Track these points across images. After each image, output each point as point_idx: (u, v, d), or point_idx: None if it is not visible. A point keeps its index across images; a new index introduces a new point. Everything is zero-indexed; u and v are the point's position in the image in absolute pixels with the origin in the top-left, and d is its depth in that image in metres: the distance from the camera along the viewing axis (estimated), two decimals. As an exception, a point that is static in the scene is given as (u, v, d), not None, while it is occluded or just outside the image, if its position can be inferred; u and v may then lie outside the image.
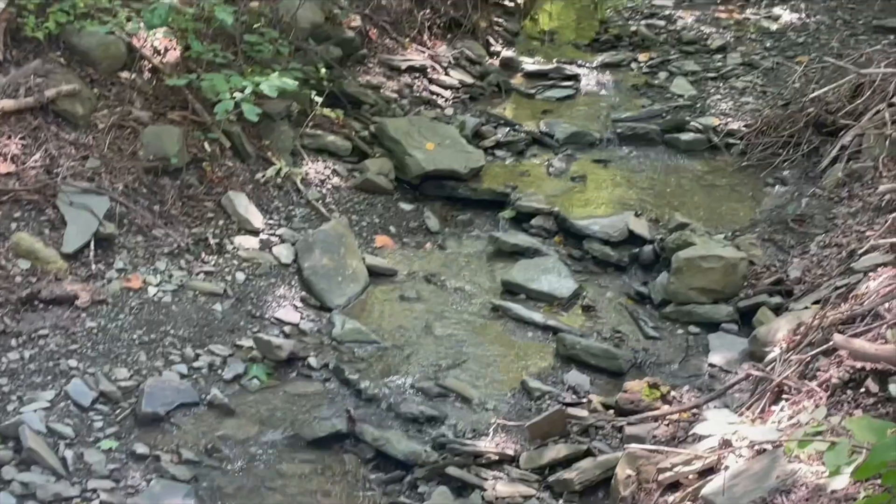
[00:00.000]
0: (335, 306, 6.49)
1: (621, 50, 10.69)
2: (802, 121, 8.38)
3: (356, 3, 9.34)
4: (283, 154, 7.55)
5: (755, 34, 10.79)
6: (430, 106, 9.07)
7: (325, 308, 6.47)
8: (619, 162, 8.62)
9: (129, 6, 7.11)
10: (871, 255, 6.06)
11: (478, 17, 10.30)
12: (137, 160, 6.67)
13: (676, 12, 11.50)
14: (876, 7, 11.06)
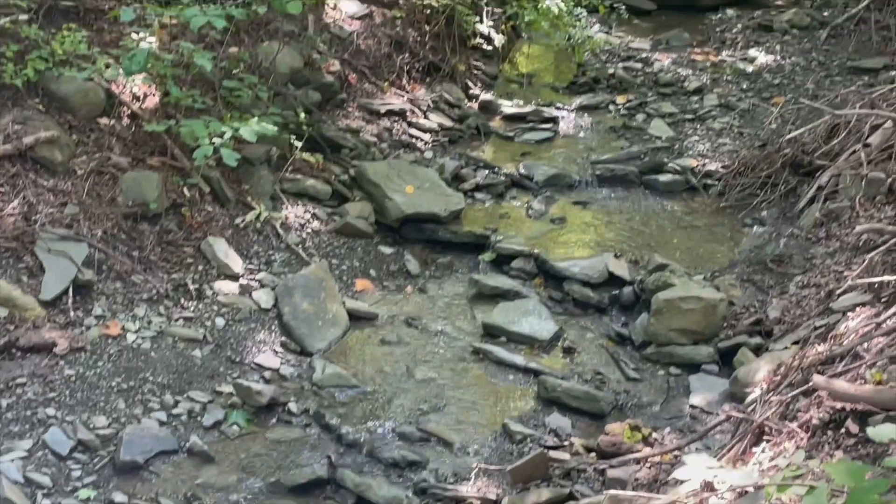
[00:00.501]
0: (316, 351, 6.47)
1: (599, 92, 10.76)
2: (779, 161, 8.45)
3: (335, 48, 9.38)
4: (263, 198, 7.55)
5: (731, 76, 10.89)
6: (410, 149, 9.11)
7: (305, 353, 6.45)
8: (598, 204, 8.66)
9: (107, 52, 7.13)
10: (850, 294, 6.10)
11: (456, 60, 10.35)
12: (116, 206, 6.66)
13: (653, 55, 11.60)
14: (850, 48, 11.20)
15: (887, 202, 7.28)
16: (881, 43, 11.02)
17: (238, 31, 8.27)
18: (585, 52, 11.19)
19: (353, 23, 9.74)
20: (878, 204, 7.32)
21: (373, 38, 9.83)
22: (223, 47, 7.88)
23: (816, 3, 12.72)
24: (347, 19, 9.73)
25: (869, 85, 9.70)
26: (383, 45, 9.90)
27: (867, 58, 10.83)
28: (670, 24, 12.64)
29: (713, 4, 13.05)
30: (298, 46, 8.76)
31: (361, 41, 9.71)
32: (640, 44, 12.01)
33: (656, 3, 13.27)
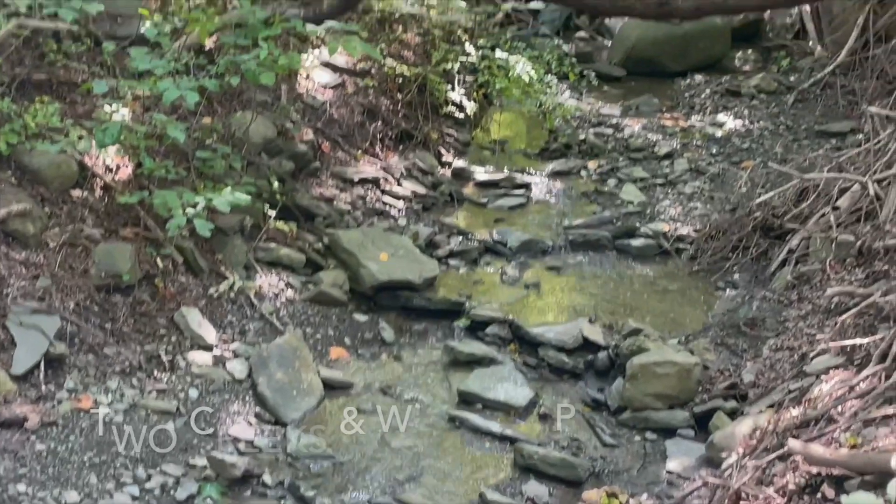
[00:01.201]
0: (290, 421, 6.42)
1: (571, 158, 10.85)
2: (750, 225, 8.54)
3: (308, 118, 9.44)
4: (237, 268, 7.54)
5: (701, 141, 11.02)
6: (384, 217, 9.14)
7: (280, 423, 6.40)
8: (571, 269, 8.69)
9: (80, 125, 7.15)
10: (823, 357, 6.14)
11: (429, 128, 10.44)
12: (89, 278, 6.63)
13: (623, 120, 11.73)
14: (817, 112, 11.37)
15: (857, 264, 7.35)
16: (847, 107, 11.19)
17: (211, 101, 8.33)
18: (557, 118, 11.29)
19: (325, 92, 9.81)
20: (848, 266, 7.39)
21: (346, 106, 9.91)
22: (196, 118, 7.93)
23: (783, 68, 12.93)
24: (320, 89, 9.80)
25: (836, 148, 9.86)
26: (356, 113, 9.97)
27: (834, 122, 10.99)
28: (640, 89, 12.80)
29: (681, 70, 13.24)
30: (272, 116, 8.81)
31: (334, 110, 9.78)
32: (611, 110, 12.15)
33: (625, 69, 13.45)
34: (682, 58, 13.33)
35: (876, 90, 10.78)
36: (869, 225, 7.56)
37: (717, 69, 13.32)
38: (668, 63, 13.34)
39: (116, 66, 7.86)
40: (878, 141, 8.51)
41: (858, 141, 9.60)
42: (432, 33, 10.94)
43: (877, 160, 8.25)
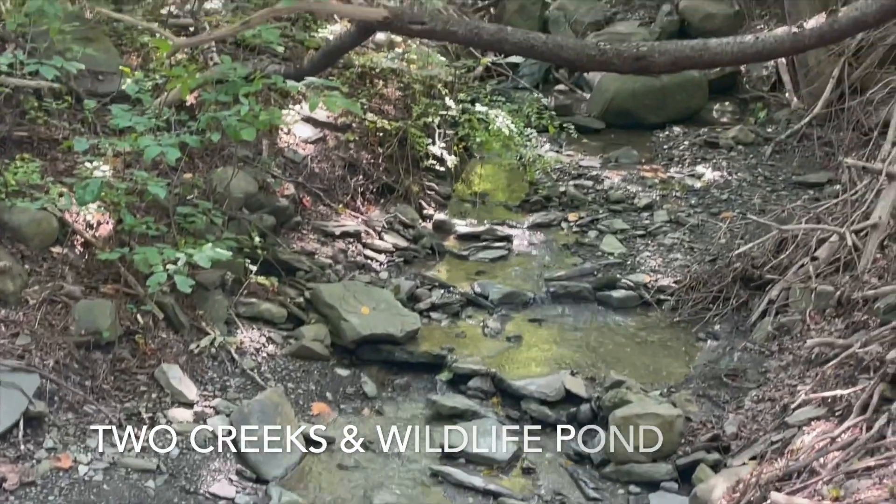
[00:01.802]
0: (272, 478, 6.37)
1: (551, 210, 10.90)
2: (730, 276, 8.58)
3: (289, 172, 9.47)
4: (218, 323, 7.53)
5: (680, 192, 11.10)
6: (365, 270, 9.15)
7: (261, 480, 6.35)
8: (553, 321, 8.70)
9: (61, 182, 7.15)
10: (804, 409, 6.15)
11: (410, 181, 10.48)
12: (69, 335, 6.60)
13: (603, 172, 11.80)
14: (794, 163, 11.48)
15: (837, 315, 7.38)
16: (824, 158, 11.31)
17: (192, 157, 8.35)
18: (537, 170, 11.37)
19: (306, 147, 9.85)
20: (828, 317, 7.43)
21: (327, 161, 9.95)
22: (177, 173, 7.94)
23: (760, 119, 13.08)
24: (301, 143, 9.85)
25: (814, 199, 9.94)
26: (337, 167, 10.01)
27: (811, 172, 11.11)
28: (619, 142, 12.90)
29: (660, 122, 13.36)
30: (253, 171, 8.84)
31: (315, 164, 9.81)
32: (590, 161, 12.23)
33: (605, 121, 13.56)
34: (660, 110, 13.46)
35: (852, 141, 10.90)
36: (847, 275, 7.61)
37: (695, 121, 13.45)
38: (647, 115, 13.46)
39: (98, 122, 7.90)
40: (855, 192, 8.60)
41: (836, 191, 9.69)
42: (413, 88, 11.02)
43: (854, 211, 8.33)
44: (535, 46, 8.05)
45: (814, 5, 11.60)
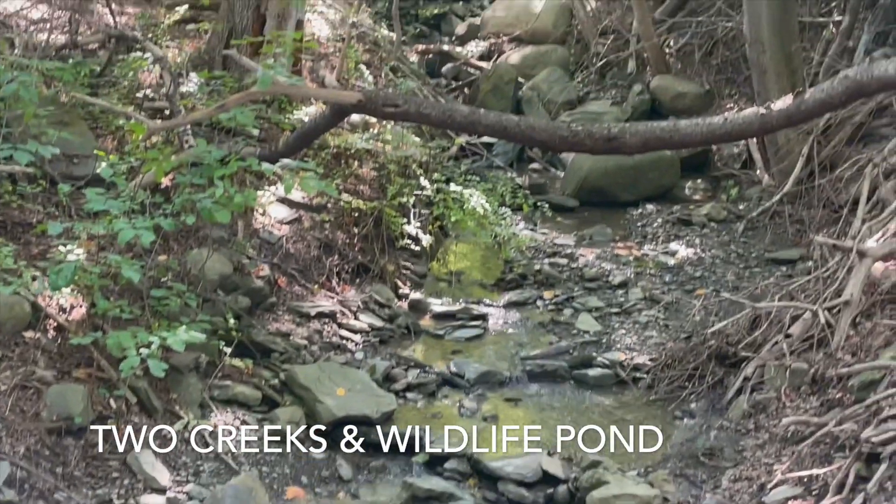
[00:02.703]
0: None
1: (527, 288, 10.93)
2: (705, 353, 8.59)
3: (264, 253, 9.48)
4: (192, 407, 7.47)
5: (654, 269, 11.16)
6: (341, 351, 9.12)
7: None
8: (529, 400, 8.68)
9: (34, 266, 7.13)
10: (781, 488, 6.15)
11: (385, 261, 10.50)
12: (40, 421, 6.53)
13: (578, 250, 11.86)
14: (767, 240, 11.58)
15: (812, 392, 7.41)
16: (796, 235, 11.42)
17: (167, 239, 8.35)
18: (512, 249, 11.42)
19: (282, 227, 9.88)
20: (803, 394, 7.45)
21: (302, 241, 9.96)
22: (152, 256, 7.94)
23: (732, 197, 13.21)
24: (276, 224, 9.87)
25: (787, 276, 10.02)
26: (313, 248, 10.03)
27: (784, 249, 11.20)
28: (593, 219, 12.99)
29: (633, 200, 13.46)
30: (228, 252, 8.84)
31: (291, 245, 9.83)
32: (565, 240, 12.29)
33: (578, 199, 13.65)
34: (633, 188, 13.57)
35: (823, 218, 11.03)
36: (821, 353, 7.65)
37: (668, 198, 13.56)
38: (620, 193, 13.57)
39: (72, 205, 7.90)
40: (827, 269, 8.67)
41: (808, 268, 9.76)
42: (388, 168, 11.10)
43: (826, 288, 8.40)
44: (508, 128, 8.14)
45: (782, 85, 11.79)
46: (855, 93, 7.22)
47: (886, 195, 9.81)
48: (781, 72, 11.97)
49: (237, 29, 11.13)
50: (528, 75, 17.21)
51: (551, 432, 8.09)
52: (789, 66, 12.02)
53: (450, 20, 20.72)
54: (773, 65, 11.98)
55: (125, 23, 11.54)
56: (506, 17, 19.00)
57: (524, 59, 17.73)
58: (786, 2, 12.03)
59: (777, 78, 11.95)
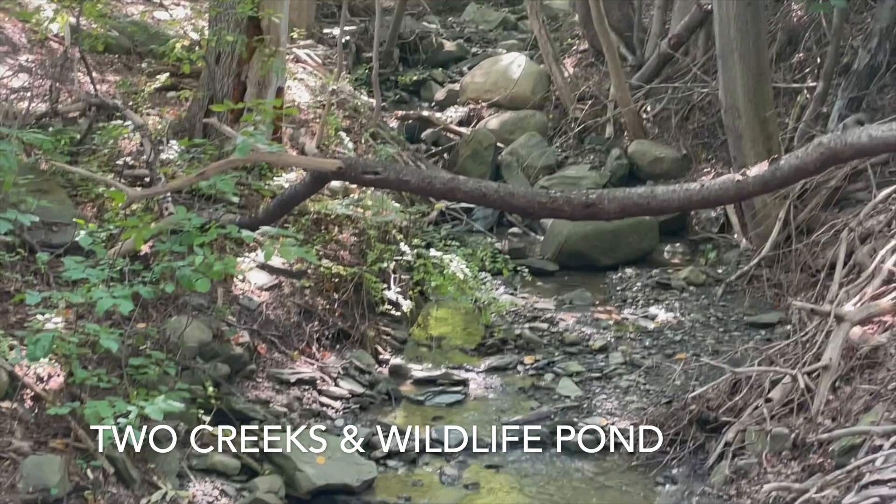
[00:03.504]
0: None
1: (507, 353, 10.92)
2: (686, 418, 8.59)
3: (244, 319, 9.45)
4: (170, 476, 7.39)
5: (634, 334, 11.18)
6: (321, 418, 9.07)
7: None
8: (511, 467, 8.64)
9: (11, 335, 7.09)
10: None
11: (366, 327, 10.49)
12: (16, 493, 6.44)
13: (558, 314, 11.88)
14: (746, 304, 11.63)
15: (793, 457, 7.41)
16: (774, 298, 11.49)
17: (146, 306, 8.33)
18: (492, 314, 11.42)
19: (261, 294, 9.86)
20: (784, 460, 7.45)
21: (282, 307, 9.95)
22: (131, 323, 7.91)
23: (710, 260, 13.29)
24: (256, 290, 9.86)
25: (766, 340, 10.07)
26: (293, 314, 10.01)
27: (763, 313, 11.26)
28: (573, 284, 13.01)
29: (612, 264, 13.51)
30: (207, 319, 8.82)
31: (271, 311, 9.81)
32: (545, 304, 12.31)
33: (558, 264, 13.68)
34: (612, 252, 13.63)
35: (801, 282, 11.10)
36: (802, 417, 7.66)
37: (648, 262, 13.62)
38: (599, 257, 13.63)
39: (50, 274, 7.88)
40: (806, 333, 8.72)
41: (787, 332, 9.81)
42: (368, 233, 11.13)
43: (805, 352, 8.44)
44: (487, 195, 8.20)
45: (757, 150, 11.93)
46: (829, 159, 7.31)
47: (862, 259, 9.90)
48: (757, 137, 12.12)
49: (217, 96, 11.20)
50: (507, 140, 17.35)
51: (533, 499, 8.06)
52: (765, 131, 12.17)
53: (429, 86, 20.88)
54: (748, 130, 12.12)
55: (106, 91, 11.59)
56: (484, 83, 19.19)
57: (503, 125, 17.88)
58: (760, 69, 12.21)
59: (753, 143, 12.09)
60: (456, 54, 22.44)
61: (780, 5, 16.43)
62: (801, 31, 15.72)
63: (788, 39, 15.88)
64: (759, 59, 12.17)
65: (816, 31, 15.20)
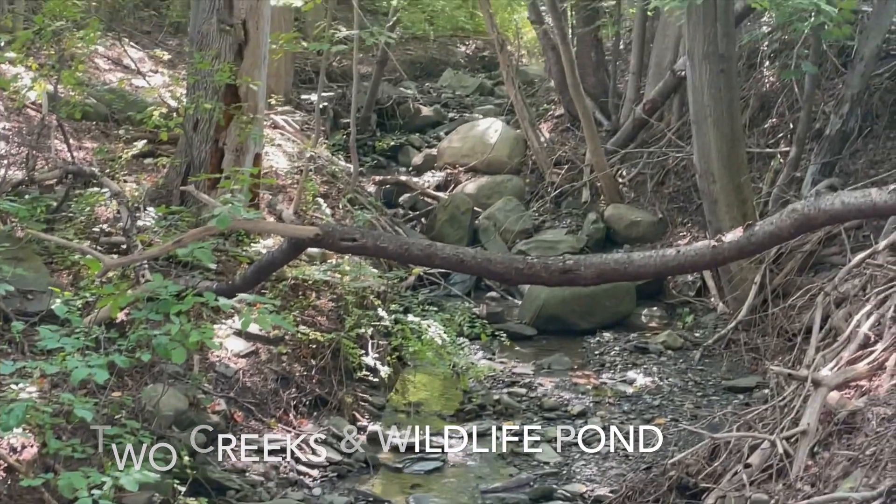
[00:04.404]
0: None
1: (486, 419, 10.86)
2: (665, 485, 8.52)
3: (221, 387, 9.39)
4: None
5: (613, 398, 11.16)
6: (298, 487, 8.97)
7: None
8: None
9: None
10: None
11: (343, 393, 10.43)
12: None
13: (536, 379, 11.85)
14: (723, 368, 11.65)
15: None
16: (752, 362, 11.51)
17: (122, 375, 8.26)
18: (470, 379, 11.40)
19: (238, 360, 9.81)
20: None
21: (259, 374, 9.89)
22: (106, 392, 7.83)
23: (687, 324, 13.33)
24: (233, 357, 9.81)
25: (745, 404, 10.07)
26: (269, 381, 9.95)
27: (740, 377, 11.29)
28: (551, 348, 13.02)
29: (590, 328, 13.54)
30: (183, 387, 8.76)
31: (247, 378, 9.75)
32: (523, 369, 12.29)
33: (536, 328, 13.70)
34: (590, 316, 13.67)
35: (777, 346, 11.13)
36: (781, 483, 7.62)
37: (625, 326, 13.66)
38: (577, 321, 13.65)
39: (25, 343, 7.82)
40: (783, 398, 8.70)
41: (765, 396, 9.80)
42: (345, 299, 11.12)
43: (783, 417, 8.41)
44: (465, 261, 8.22)
45: (732, 214, 12.04)
46: (803, 225, 7.38)
47: (838, 323, 9.94)
48: (732, 202, 12.23)
49: (195, 163, 11.24)
50: (484, 205, 17.45)
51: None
52: (739, 196, 12.29)
53: (406, 151, 21.04)
54: (723, 195, 12.24)
55: (83, 157, 11.62)
56: (462, 147, 19.34)
57: (480, 189, 18.00)
58: (734, 134, 12.36)
59: (728, 208, 12.20)
60: (433, 119, 22.65)
61: (752, 72, 16.68)
62: (774, 96, 15.96)
63: (761, 105, 16.11)
64: (732, 124, 12.33)
65: (789, 97, 15.43)
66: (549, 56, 19.51)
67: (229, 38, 11.14)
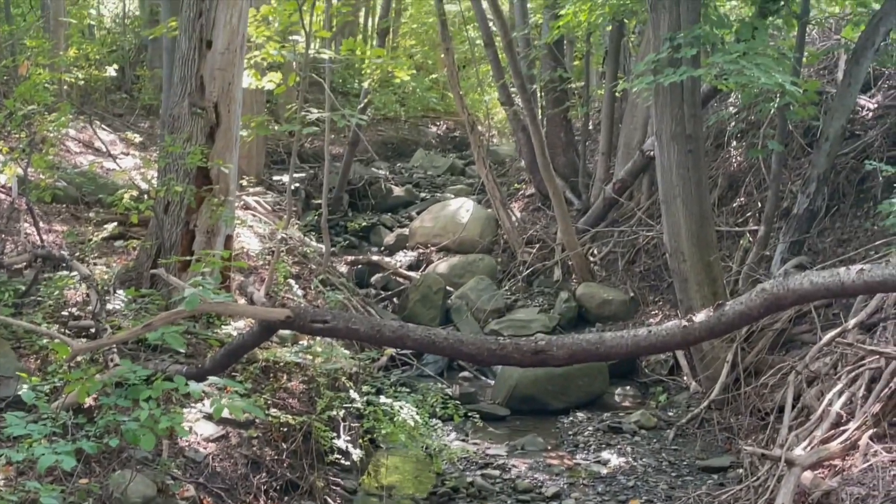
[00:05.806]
0: None
1: (459, 502, 10.75)
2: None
3: (190, 472, 9.24)
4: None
5: (587, 479, 11.07)
6: (268, 574, 8.81)
7: None
8: None
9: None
10: None
11: (315, 477, 10.29)
12: None
13: (510, 460, 11.76)
14: (697, 447, 11.60)
15: None
16: (726, 441, 11.48)
17: (89, 461, 8.13)
18: (443, 461, 11.28)
19: (208, 445, 9.67)
20: None
21: (229, 459, 9.75)
22: (73, 479, 7.70)
23: (661, 403, 13.30)
24: (203, 442, 9.67)
25: (719, 484, 10.01)
26: (240, 465, 9.80)
27: (714, 457, 11.23)
28: (524, 429, 12.94)
29: (563, 407, 13.49)
30: (152, 473, 8.60)
31: (217, 463, 9.60)
32: (497, 450, 12.20)
33: (509, 408, 13.63)
34: (563, 395, 13.63)
35: (751, 425, 11.12)
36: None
37: (598, 406, 13.62)
38: (551, 401, 13.60)
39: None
40: (757, 478, 8.69)
41: (739, 476, 9.77)
42: (317, 381, 11.03)
43: (758, 497, 8.40)
44: (437, 343, 8.20)
45: (703, 293, 12.11)
46: (773, 305, 7.42)
47: (810, 402, 9.96)
48: (702, 280, 12.30)
49: (166, 245, 11.20)
50: (456, 284, 17.47)
51: None
52: (709, 274, 12.36)
53: (378, 231, 21.10)
54: (693, 274, 12.31)
55: (53, 240, 11.57)
56: (433, 227, 19.43)
57: (452, 269, 18.03)
58: (703, 213, 12.47)
59: (698, 286, 12.27)
60: (405, 199, 22.78)
61: (720, 151, 16.91)
62: (742, 176, 16.16)
63: (729, 184, 16.31)
64: (701, 203, 12.45)
65: (756, 176, 15.63)
66: (519, 136, 19.73)
67: (201, 121, 11.18)
